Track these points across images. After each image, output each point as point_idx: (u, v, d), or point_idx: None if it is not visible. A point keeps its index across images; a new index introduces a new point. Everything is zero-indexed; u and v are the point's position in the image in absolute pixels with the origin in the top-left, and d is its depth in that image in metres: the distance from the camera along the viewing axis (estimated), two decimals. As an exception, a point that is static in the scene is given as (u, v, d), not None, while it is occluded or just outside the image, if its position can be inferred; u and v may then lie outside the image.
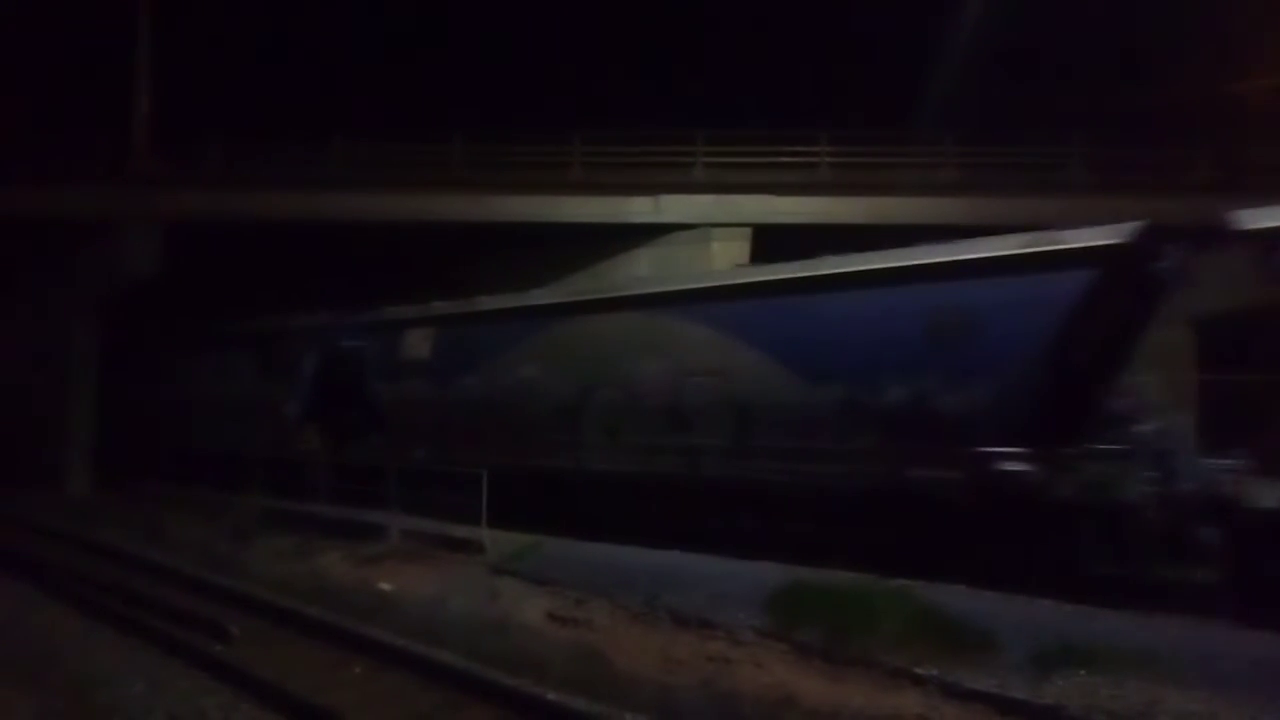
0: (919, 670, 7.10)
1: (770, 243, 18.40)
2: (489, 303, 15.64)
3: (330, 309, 18.23)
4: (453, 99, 25.71)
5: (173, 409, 21.93)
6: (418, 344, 15.85)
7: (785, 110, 20.21)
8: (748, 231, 19.69)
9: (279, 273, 23.15)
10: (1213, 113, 20.03)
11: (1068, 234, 9.60)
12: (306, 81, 26.94)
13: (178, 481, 19.22)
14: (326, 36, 28.70)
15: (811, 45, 25.53)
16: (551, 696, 7.41)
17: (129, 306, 21.36)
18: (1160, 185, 18.08)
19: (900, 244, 11.06)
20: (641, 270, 19.60)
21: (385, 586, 11.07)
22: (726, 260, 18.90)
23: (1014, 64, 23.41)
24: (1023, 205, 18.33)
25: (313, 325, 18.13)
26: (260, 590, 11.47)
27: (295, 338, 18.35)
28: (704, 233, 19.75)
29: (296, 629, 9.76)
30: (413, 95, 26.15)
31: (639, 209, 20.14)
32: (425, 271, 20.44)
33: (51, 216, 20.19)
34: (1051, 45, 23.71)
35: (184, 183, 20.50)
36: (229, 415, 19.54)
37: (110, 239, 20.15)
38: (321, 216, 20.44)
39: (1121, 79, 22.80)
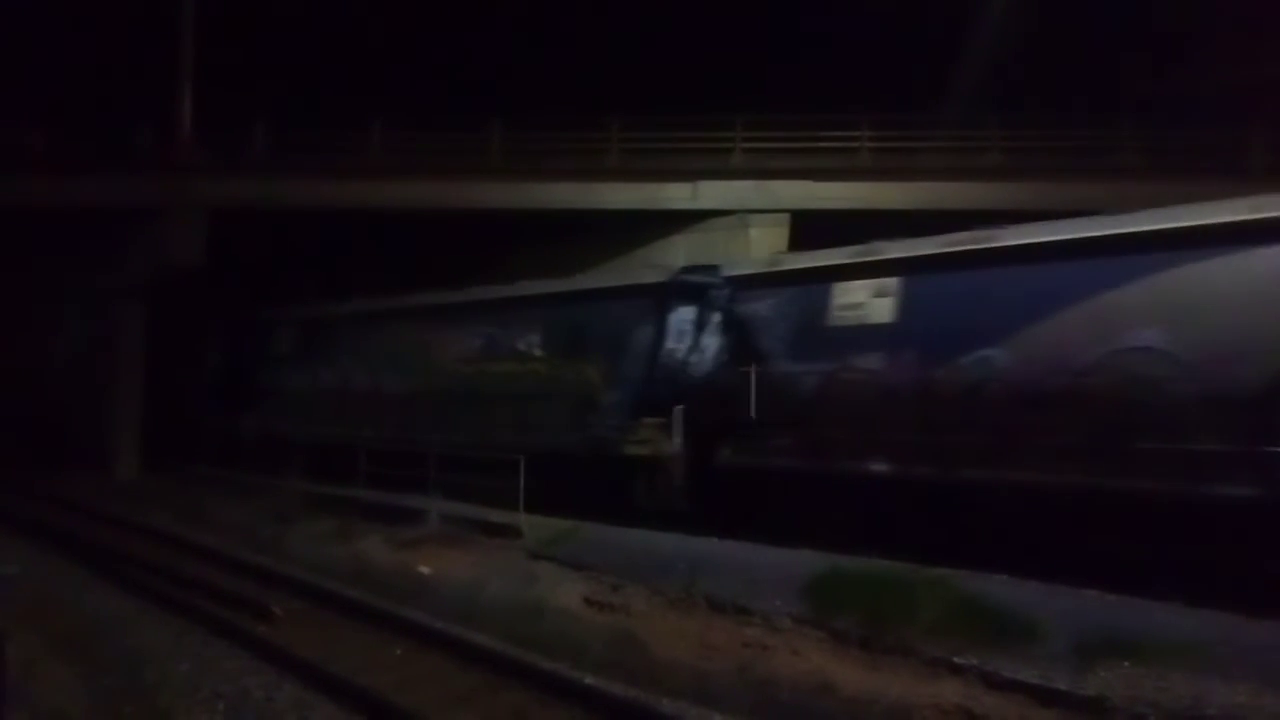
0: (958, 659, 7.02)
1: (809, 229, 18.25)
2: (1022, 235, 10.17)
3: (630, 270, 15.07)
4: (491, 86, 25.76)
5: (342, 400, 18.32)
6: (865, 303, 11.00)
7: (825, 94, 19.95)
8: (786, 218, 19.53)
9: (319, 260, 23.45)
10: (1267, 96, 19.48)
11: None
12: (347, 70, 27.16)
13: (222, 466, 19.52)
14: (366, 24, 28.87)
15: (851, 28, 25.21)
16: (589, 680, 7.45)
17: (175, 292, 21.65)
18: (1213, 169, 17.64)
19: (944, 230, 10.82)
20: (679, 258, 19.52)
21: (424, 570, 11.17)
22: (764, 247, 18.77)
23: (1060, 45, 22.93)
24: (1070, 190, 18.01)
25: (642, 285, 13.65)
26: (302, 572, 11.66)
27: (615, 302, 13.92)
28: (742, 219, 19.63)
29: (337, 610, 9.91)
30: (452, 83, 26.23)
31: (676, 195, 20.06)
32: (462, 259, 20.54)
33: (98, 205, 20.55)
34: (1099, 25, 23.19)
35: (227, 171, 20.77)
36: (469, 406, 15.62)
37: (155, 227, 20.48)
38: (362, 204, 20.61)
39: (1172, 61, 22.26)
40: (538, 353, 14.74)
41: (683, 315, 12.99)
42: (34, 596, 10.48)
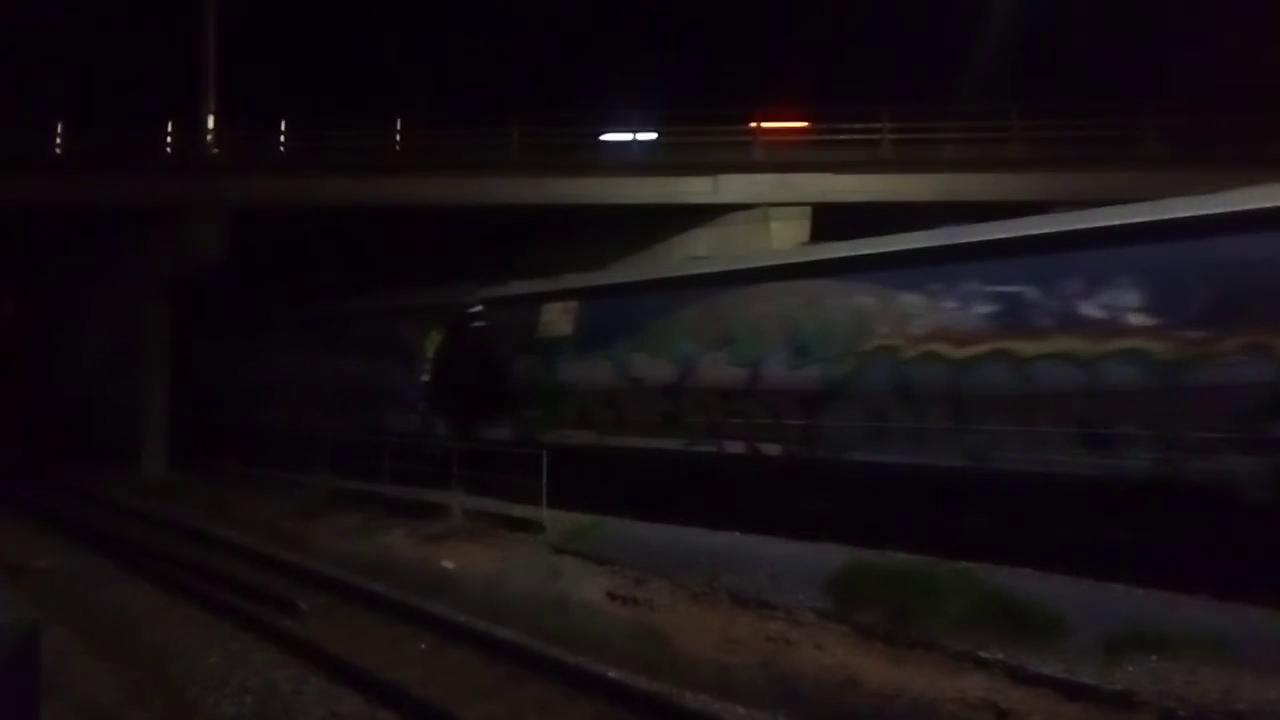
0: (984, 653, 6.98)
1: (831, 222, 18.17)
2: None
3: None
4: (512, 82, 25.86)
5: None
6: None
7: (846, 86, 19.88)
8: (807, 211, 19.45)
9: (341, 257, 23.59)
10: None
11: None
12: (368, 68, 27.33)
13: (248, 462, 19.66)
14: (387, 23, 29.03)
15: (871, 19, 25.09)
16: (612, 674, 7.48)
17: (205, 290, 21.75)
18: (1241, 157, 17.38)
19: (967, 221, 10.73)
20: (700, 251, 19.52)
21: (448, 564, 11.24)
22: (786, 241, 18.72)
23: (1083, 34, 22.72)
24: (1093, 180, 17.80)
25: None
26: (328, 567, 11.75)
27: None
28: (763, 213, 19.56)
29: (363, 605, 9.99)
30: (472, 80, 26.35)
31: (697, 189, 20.02)
32: (484, 255, 20.59)
33: (123, 204, 20.73)
34: (1123, 14, 22.93)
35: (250, 169, 20.92)
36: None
37: (179, 225, 20.66)
38: (383, 201, 20.69)
39: (1194, 48, 21.98)
40: (1140, 320, 8.87)
41: None
42: (65, 590, 10.65)
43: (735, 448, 11.79)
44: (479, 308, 16.25)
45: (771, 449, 11.42)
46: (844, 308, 10.91)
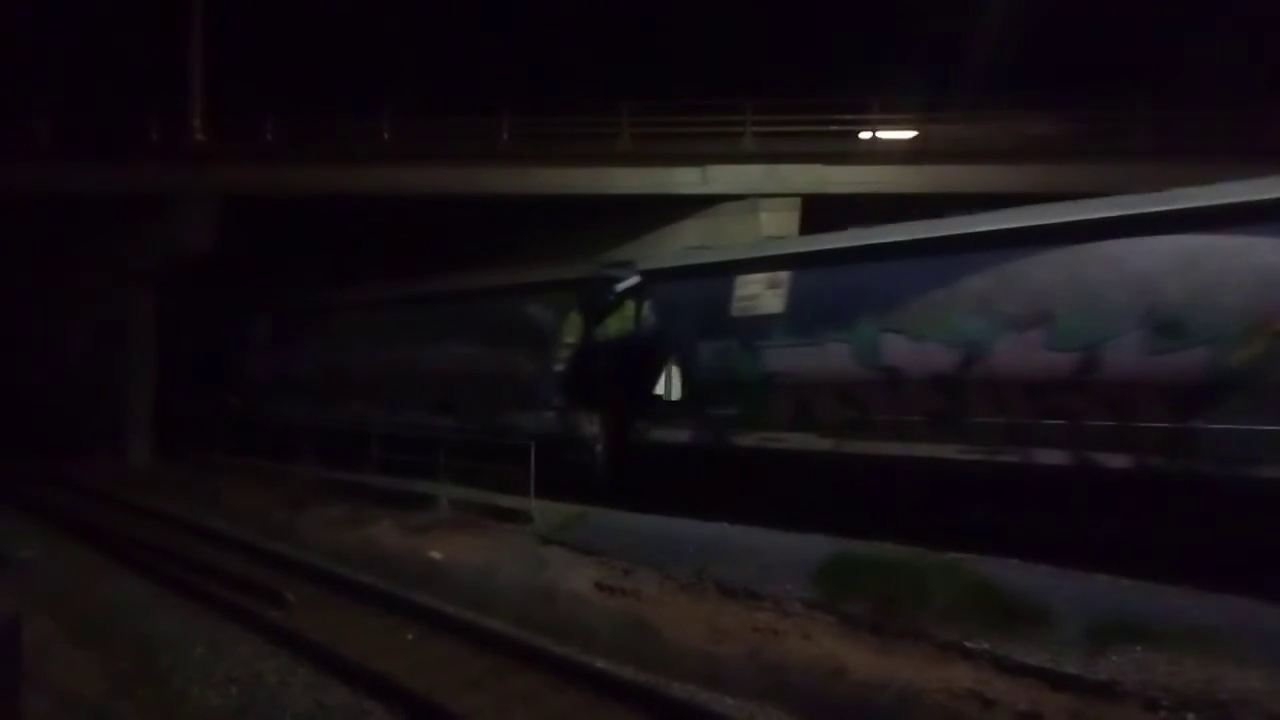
0: (970, 644, 7.02)
1: (821, 212, 18.18)
2: None
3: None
4: (502, 72, 25.69)
5: None
6: None
7: (836, 78, 19.85)
8: (796, 202, 19.47)
9: (331, 245, 23.48)
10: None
11: None
12: (357, 56, 27.08)
13: (234, 452, 19.58)
14: (376, 10, 28.78)
15: (861, 10, 25.03)
16: (600, 664, 7.47)
17: (193, 278, 21.58)
18: (1231, 150, 17.43)
19: (958, 213, 10.70)
20: (690, 242, 19.50)
21: (435, 555, 11.21)
22: (775, 231, 18.72)
23: (1072, 25, 22.73)
24: (1083, 172, 17.86)
25: None
26: (314, 557, 11.71)
27: None
28: (752, 203, 19.57)
29: (350, 596, 9.96)
30: (463, 69, 26.18)
31: (686, 180, 20.00)
32: (474, 244, 20.53)
33: (110, 192, 20.59)
34: (1114, 6, 22.95)
35: (238, 158, 20.78)
36: None
37: (167, 213, 20.51)
38: (372, 190, 20.60)
39: (1189, 40, 22.02)
40: None
41: None
42: (49, 581, 10.57)
43: (1053, 457, 9.10)
44: (635, 281, 13.57)
45: (1116, 460, 8.70)
46: (1243, 271, 8.15)
